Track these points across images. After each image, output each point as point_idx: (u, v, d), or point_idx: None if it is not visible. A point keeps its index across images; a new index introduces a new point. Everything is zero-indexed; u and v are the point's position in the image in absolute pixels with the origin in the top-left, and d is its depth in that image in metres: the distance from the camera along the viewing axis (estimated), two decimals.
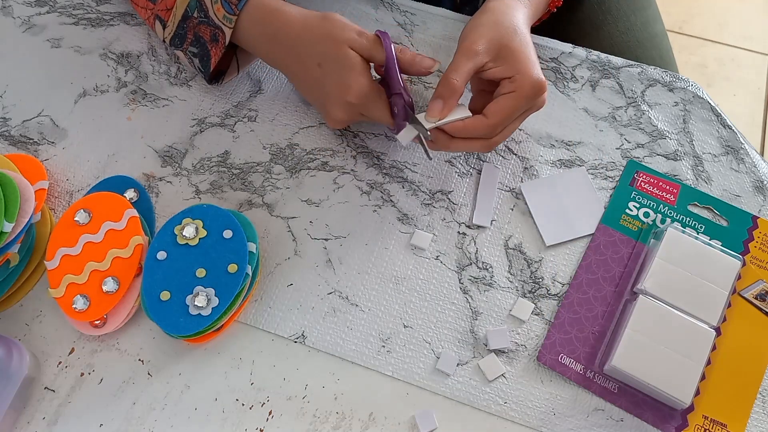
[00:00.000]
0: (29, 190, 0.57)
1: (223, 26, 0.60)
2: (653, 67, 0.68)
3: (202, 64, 0.63)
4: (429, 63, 0.58)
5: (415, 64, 0.58)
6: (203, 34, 0.62)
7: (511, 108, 0.56)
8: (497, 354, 0.55)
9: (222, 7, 0.60)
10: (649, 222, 0.60)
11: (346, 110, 0.58)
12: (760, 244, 0.59)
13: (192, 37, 0.63)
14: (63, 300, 0.55)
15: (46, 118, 0.66)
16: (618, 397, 0.53)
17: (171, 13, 0.63)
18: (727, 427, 0.52)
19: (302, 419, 0.54)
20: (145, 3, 0.65)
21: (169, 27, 0.64)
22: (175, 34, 0.64)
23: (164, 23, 0.64)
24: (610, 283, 0.57)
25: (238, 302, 0.55)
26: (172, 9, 0.63)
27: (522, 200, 0.61)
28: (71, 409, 0.54)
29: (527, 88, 0.55)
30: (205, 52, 0.62)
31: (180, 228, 0.57)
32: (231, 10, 0.59)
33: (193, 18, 0.62)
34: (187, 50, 0.64)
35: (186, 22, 0.62)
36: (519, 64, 0.55)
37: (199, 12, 0.61)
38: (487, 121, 0.56)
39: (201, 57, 0.63)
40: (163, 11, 0.64)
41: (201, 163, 0.64)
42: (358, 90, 0.56)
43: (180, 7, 0.62)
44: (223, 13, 0.60)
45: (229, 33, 0.60)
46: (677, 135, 0.64)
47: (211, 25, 0.61)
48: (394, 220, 0.61)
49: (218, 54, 0.62)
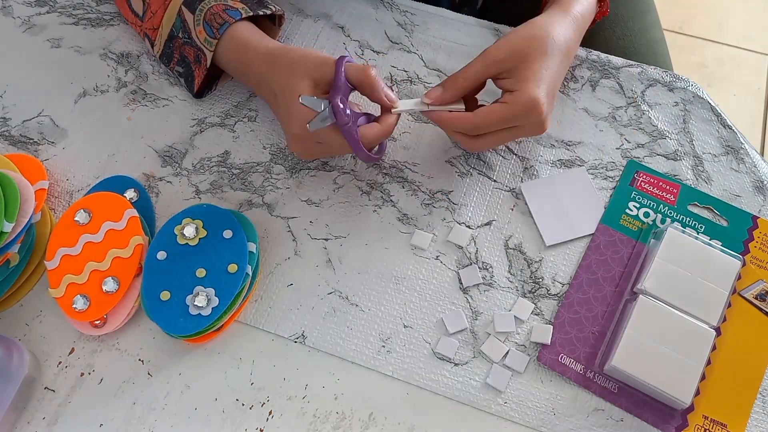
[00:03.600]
0: (29, 190, 0.58)
1: (205, 49, 0.61)
2: (653, 67, 0.68)
3: (187, 84, 0.65)
4: (389, 96, 0.56)
5: (376, 90, 0.55)
6: (188, 55, 0.63)
7: (498, 115, 0.55)
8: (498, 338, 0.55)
9: (204, 30, 0.61)
10: (649, 222, 0.60)
11: (295, 141, 0.57)
12: (760, 244, 0.59)
13: (178, 56, 0.64)
14: (63, 300, 0.55)
15: (46, 118, 0.66)
16: (618, 397, 0.54)
17: (158, 32, 0.64)
18: (727, 427, 0.52)
19: (302, 419, 0.54)
20: (134, 19, 0.67)
21: (156, 45, 0.65)
22: (163, 53, 0.65)
23: (152, 42, 0.66)
24: (610, 283, 0.57)
25: (238, 302, 0.55)
26: (158, 29, 0.64)
27: (522, 200, 0.61)
28: (71, 409, 0.54)
29: (520, 103, 0.55)
30: (190, 72, 0.64)
31: (180, 228, 0.57)
32: (212, 33, 0.60)
33: (178, 38, 0.63)
34: (174, 69, 0.65)
35: (172, 41, 0.64)
36: (524, 82, 0.55)
37: (183, 33, 0.62)
38: (472, 118, 0.56)
39: (186, 77, 0.65)
40: (150, 30, 0.65)
41: (201, 163, 0.64)
42: (298, 120, 0.55)
43: (166, 26, 0.63)
44: (204, 36, 0.61)
45: (210, 56, 0.61)
46: (677, 135, 0.64)
47: (194, 46, 0.62)
48: (394, 220, 0.61)
49: (201, 75, 0.63)
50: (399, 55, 0.69)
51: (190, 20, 0.61)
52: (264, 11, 0.62)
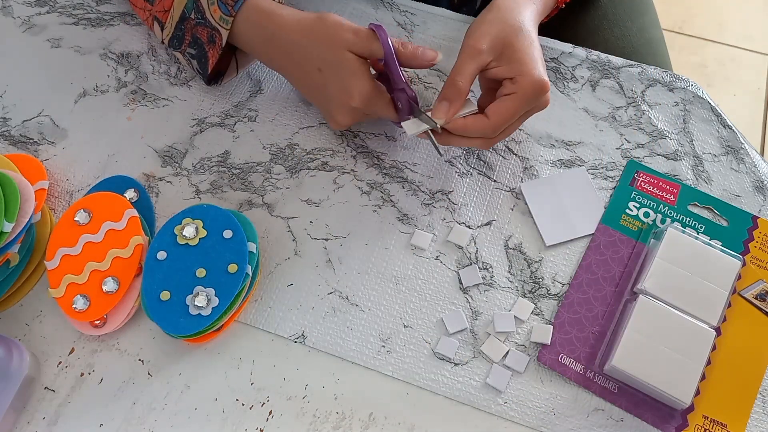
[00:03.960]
0: (29, 190, 0.57)
1: (220, 28, 0.60)
2: (653, 67, 0.68)
3: (200, 65, 0.64)
4: (431, 55, 0.58)
5: (417, 57, 0.57)
6: (201, 36, 0.62)
7: (513, 109, 0.56)
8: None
9: (218, 9, 0.59)
10: (649, 222, 0.60)
11: (350, 114, 0.58)
12: (760, 244, 0.59)
13: (190, 38, 0.63)
14: (63, 300, 0.55)
15: (46, 118, 0.66)
16: (618, 397, 0.53)
17: (168, 14, 0.63)
18: (727, 427, 0.52)
19: (302, 419, 0.54)
20: (143, 4, 0.65)
21: (167, 28, 0.64)
22: (173, 36, 0.64)
23: (162, 25, 0.64)
24: (610, 283, 0.57)
25: (238, 302, 0.55)
26: (170, 11, 0.63)
27: (522, 200, 0.61)
28: (71, 409, 0.54)
29: (528, 89, 0.55)
30: (203, 53, 0.62)
31: (180, 228, 0.56)
32: (227, 11, 0.59)
33: (190, 19, 0.62)
34: (185, 52, 0.64)
35: (183, 23, 0.62)
36: (521, 65, 0.55)
37: (196, 13, 0.61)
38: (488, 121, 0.56)
39: (199, 59, 0.63)
40: (161, 12, 0.64)
41: (201, 163, 0.64)
42: (360, 95, 0.56)
43: (177, 8, 0.62)
44: (219, 15, 0.60)
45: (226, 34, 0.60)
46: (677, 135, 0.64)
47: (208, 26, 0.61)
48: (394, 220, 0.61)
49: (215, 56, 0.62)
50: None
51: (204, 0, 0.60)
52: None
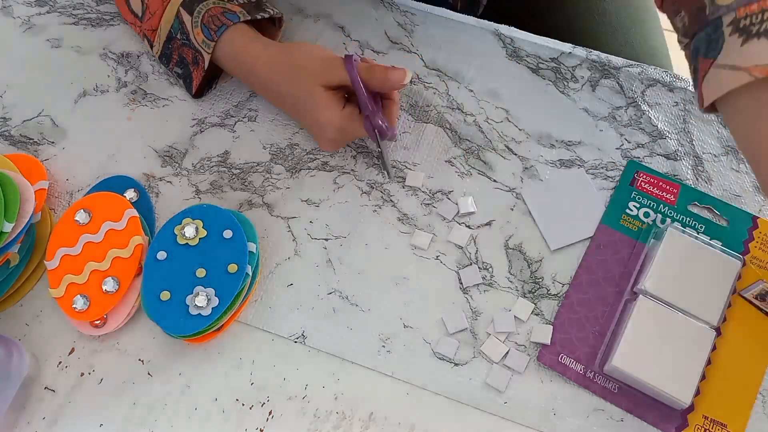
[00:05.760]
0: (29, 190, 0.58)
1: (203, 51, 0.62)
2: (653, 67, 0.68)
3: (185, 84, 0.65)
4: (398, 76, 0.56)
5: (387, 80, 0.57)
6: (186, 56, 0.63)
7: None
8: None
9: (201, 32, 0.61)
10: (649, 222, 0.60)
11: (331, 142, 0.60)
12: (760, 244, 0.59)
13: (177, 57, 0.64)
14: (63, 300, 0.55)
15: (46, 118, 0.66)
16: (618, 397, 0.53)
17: (156, 33, 0.65)
18: (727, 427, 0.52)
19: (302, 419, 0.54)
20: (133, 19, 0.67)
21: (156, 46, 0.66)
22: (162, 54, 0.65)
23: (151, 43, 0.66)
24: (610, 283, 0.57)
25: (238, 302, 0.55)
26: (157, 30, 0.64)
27: (522, 200, 0.61)
28: (71, 409, 0.54)
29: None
30: (188, 73, 0.64)
31: (180, 228, 0.57)
32: (210, 35, 0.61)
33: (176, 39, 0.63)
34: (173, 70, 0.66)
35: (170, 42, 0.64)
36: None
37: (181, 34, 0.63)
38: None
39: (184, 78, 0.65)
40: (149, 31, 0.65)
41: (201, 163, 0.64)
42: (332, 126, 0.58)
43: (164, 27, 0.63)
44: (202, 38, 0.61)
45: (208, 58, 0.61)
46: (677, 135, 0.64)
47: (192, 48, 0.62)
48: (394, 220, 0.61)
49: (199, 77, 0.63)
50: (399, 55, 0.69)
51: (188, 22, 0.61)
52: (262, 15, 0.62)
